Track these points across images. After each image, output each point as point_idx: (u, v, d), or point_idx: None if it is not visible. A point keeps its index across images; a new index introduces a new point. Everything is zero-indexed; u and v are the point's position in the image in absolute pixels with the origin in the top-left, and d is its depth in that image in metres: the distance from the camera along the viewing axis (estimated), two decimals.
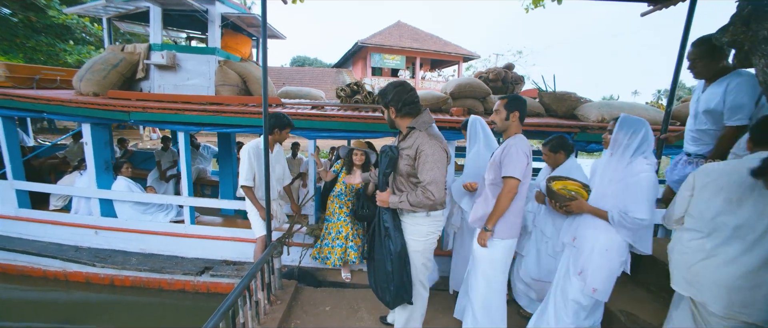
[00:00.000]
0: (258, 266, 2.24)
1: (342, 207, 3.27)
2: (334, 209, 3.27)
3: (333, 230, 3.27)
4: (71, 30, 11.38)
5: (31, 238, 3.96)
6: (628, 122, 1.82)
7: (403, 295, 1.93)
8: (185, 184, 3.67)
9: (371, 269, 2.09)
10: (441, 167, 1.79)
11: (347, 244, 3.24)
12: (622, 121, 1.85)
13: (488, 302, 2.11)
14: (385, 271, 1.94)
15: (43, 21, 10.55)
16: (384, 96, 1.94)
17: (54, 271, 3.93)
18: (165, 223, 3.85)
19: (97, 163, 3.76)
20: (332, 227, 3.27)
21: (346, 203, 3.27)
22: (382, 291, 2.01)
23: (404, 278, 1.92)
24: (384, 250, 1.94)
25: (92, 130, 3.67)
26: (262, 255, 2.41)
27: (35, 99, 3.52)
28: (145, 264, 3.62)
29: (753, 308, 1.34)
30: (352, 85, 4.02)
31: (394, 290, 1.92)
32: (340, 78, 19.29)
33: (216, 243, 3.77)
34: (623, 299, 2.44)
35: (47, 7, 10.07)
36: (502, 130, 2.08)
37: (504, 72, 4.19)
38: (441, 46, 19.84)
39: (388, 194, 1.92)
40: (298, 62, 32.87)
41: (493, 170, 2.04)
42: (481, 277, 2.11)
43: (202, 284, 3.71)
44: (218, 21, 4.30)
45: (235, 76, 4.29)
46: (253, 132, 4.03)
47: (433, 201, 1.77)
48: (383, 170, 1.93)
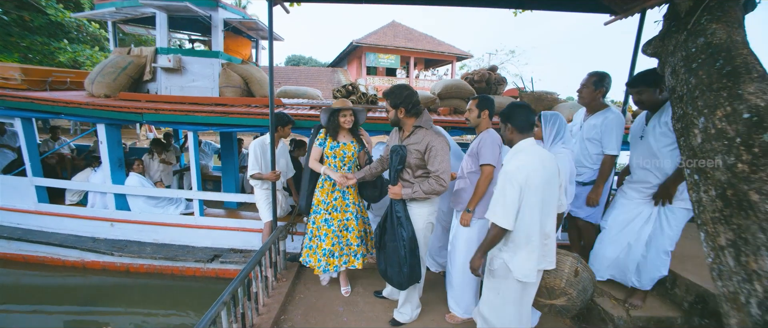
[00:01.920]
0: (266, 245, 2.58)
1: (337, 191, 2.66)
2: (325, 197, 2.65)
3: (335, 224, 2.63)
4: (65, 29, 11.51)
5: (50, 230, 4.25)
6: (547, 117, 2.27)
7: (414, 276, 2.23)
8: (194, 178, 3.98)
9: (382, 257, 2.32)
10: (447, 158, 2.15)
11: (351, 239, 2.68)
12: (543, 116, 2.28)
13: (468, 275, 2.46)
14: (399, 256, 2.19)
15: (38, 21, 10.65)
16: (393, 97, 2.18)
17: (72, 260, 4.24)
18: (176, 215, 4.16)
19: (112, 160, 4.06)
20: (332, 220, 2.64)
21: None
22: (396, 276, 2.23)
23: (415, 260, 2.22)
24: (397, 238, 2.20)
25: (107, 130, 3.97)
26: (269, 238, 2.75)
27: (54, 102, 3.80)
28: (160, 253, 3.94)
29: None
30: (347, 86, 4.35)
31: (408, 271, 2.19)
32: (336, 77, 19.55)
33: (224, 233, 4.09)
34: None
35: (45, 6, 10.19)
36: (474, 126, 2.43)
37: (488, 74, 4.55)
38: (435, 45, 20.16)
39: (399, 187, 2.20)
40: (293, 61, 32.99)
41: (471, 160, 2.39)
42: (463, 253, 2.43)
43: (211, 271, 4.04)
44: (221, 26, 4.59)
45: (238, 78, 4.60)
46: (257, 131, 4.33)
47: (444, 187, 2.11)
48: (395, 166, 2.21)
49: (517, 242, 1.76)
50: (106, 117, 3.85)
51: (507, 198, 1.70)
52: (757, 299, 0.87)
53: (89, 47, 11.90)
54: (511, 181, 1.69)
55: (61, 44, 11.04)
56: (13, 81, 4.27)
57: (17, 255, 4.35)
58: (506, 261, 1.80)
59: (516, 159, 1.75)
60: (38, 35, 10.91)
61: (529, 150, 1.77)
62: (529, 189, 1.68)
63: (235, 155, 5.60)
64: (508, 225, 1.70)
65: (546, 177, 1.70)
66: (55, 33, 11.39)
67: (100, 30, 12.28)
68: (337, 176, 2.48)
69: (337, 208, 2.65)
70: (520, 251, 1.76)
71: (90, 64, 11.19)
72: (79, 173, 4.60)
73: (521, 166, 1.70)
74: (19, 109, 3.91)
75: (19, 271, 4.30)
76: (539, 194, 1.69)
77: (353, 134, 2.72)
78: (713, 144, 1.15)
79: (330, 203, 2.65)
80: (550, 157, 1.77)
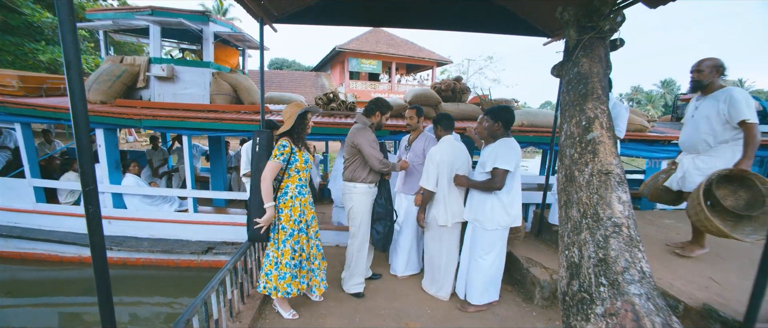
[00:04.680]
0: None
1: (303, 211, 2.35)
2: (292, 214, 2.32)
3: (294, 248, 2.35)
4: (41, 30, 11.39)
5: (48, 228, 4.52)
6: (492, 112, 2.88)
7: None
8: (189, 178, 4.38)
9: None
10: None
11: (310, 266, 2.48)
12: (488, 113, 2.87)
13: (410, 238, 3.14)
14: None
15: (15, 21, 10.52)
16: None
17: (70, 256, 4.53)
18: (171, 212, 4.54)
19: (109, 162, 4.39)
20: (297, 243, 2.36)
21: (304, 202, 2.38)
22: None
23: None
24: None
25: (105, 134, 4.31)
26: None
27: (56, 108, 4.12)
28: (156, 246, 4.31)
29: None
30: (328, 94, 4.86)
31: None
32: (319, 81, 19.94)
33: (216, 228, 4.50)
34: (527, 249, 3.43)
35: (20, 6, 10.11)
36: (414, 129, 3.11)
37: (454, 83, 5.17)
38: (415, 51, 20.91)
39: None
40: (276, 65, 33.06)
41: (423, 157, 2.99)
42: (411, 227, 3.09)
43: (205, 262, 4.44)
44: (212, 38, 5.01)
45: (228, 87, 5.03)
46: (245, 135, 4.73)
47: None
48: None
49: (437, 199, 2.69)
50: (106, 123, 4.20)
51: (429, 171, 2.60)
52: (567, 230, 1.43)
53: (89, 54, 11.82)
54: (432, 160, 2.61)
55: (38, 45, 10.92)
56: (10, 88, 4.54)
57: (14, 253, 4.60)
58: (434, 215, 2.71)
59: (438, 147, 2.68)
60: (11, 36, 10.73)
61: (446, 141, 2.71)
62: (442, 165, 2.60)
63: (223, 157, 5.98)
64: (431, 188, 2.61)
65: (453, 158, 2.63)
66: (29, 34, 11.24)
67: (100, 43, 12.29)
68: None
69: (306, 228, 2.40)
70: (439, 205, 2.68)
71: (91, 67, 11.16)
72: (68, 174, 4.89)
73: (438, 151, 2.63)
74: (20, 115, 4.20)
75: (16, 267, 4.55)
76: (447, 168, 2.61)
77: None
78: (567, 141, 1.73)
79: (301, 221, 2.36)
80: (459, 146, 2.73)
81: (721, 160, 2.40)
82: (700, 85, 2.47)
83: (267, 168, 2.21)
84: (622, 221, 1.27)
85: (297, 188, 2.35)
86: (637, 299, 1.05)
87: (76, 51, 1.08)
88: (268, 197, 2.22)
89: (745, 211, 2.24)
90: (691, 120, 2.59)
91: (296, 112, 2.27)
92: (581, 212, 1.39)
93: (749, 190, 2.29)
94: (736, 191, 2.35)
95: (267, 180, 2.20)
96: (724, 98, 2.34)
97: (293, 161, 2.29)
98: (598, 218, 1.31)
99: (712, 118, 2.39)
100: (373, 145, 2.69)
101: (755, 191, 2.23)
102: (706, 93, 2.47)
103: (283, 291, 2.34)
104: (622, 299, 1.06)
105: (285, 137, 2.27)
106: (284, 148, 2.23)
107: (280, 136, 2.30)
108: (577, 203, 1.43)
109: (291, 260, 2.34)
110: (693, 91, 2.54)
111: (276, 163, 2.21)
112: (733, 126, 2.36)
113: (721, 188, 2.36)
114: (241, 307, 2.55)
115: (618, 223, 1.26)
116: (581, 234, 1.33)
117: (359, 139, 2.66)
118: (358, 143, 2.67)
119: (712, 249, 2.74)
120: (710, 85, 2.44)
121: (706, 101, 2.45)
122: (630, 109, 3.83)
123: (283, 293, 2.34)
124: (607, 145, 1.55)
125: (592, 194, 1.40)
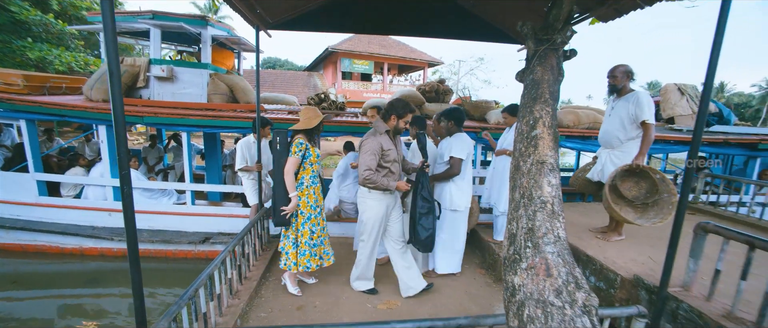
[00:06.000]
0: (254, 220, 3.34)
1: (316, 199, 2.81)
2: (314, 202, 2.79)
3: (313, 229, 2.81)
4: (29, 27, 11.34)
5: (50, 221, 4.73)
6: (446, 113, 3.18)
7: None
8: (187, 172, 4.63)
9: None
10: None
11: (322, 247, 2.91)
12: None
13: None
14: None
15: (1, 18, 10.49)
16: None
17: (71, 247, 4.75)
18: (169, 205, 4.79)
19: (111, 157, 4.63)
20: (314, 225, 2.81)
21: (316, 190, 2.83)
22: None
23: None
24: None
25: (107, 131, 4.54)
26: (256, 215, 3.50)
27: (61, 106, 4.35)
28: (156, 237, 4.56)
29: None
30: (319, 94, 5.16)
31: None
32: (312, 81, 20.17)
33: (213, 219, 4.76)
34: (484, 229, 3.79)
35: (8, 3, 10.12)
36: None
37: (437, 85, 5.51)
38: (407, 52, 21.28)
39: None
40: (269, 64, 33.16)
41: None
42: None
43: (202, 252, 4.70)
44: (210, 41, 5.27)
45: (224, 87, 5.29)
46: (241, 132, 5.00)
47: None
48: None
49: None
50: (109, 119, 4.43)
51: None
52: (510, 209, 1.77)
53: (55, 47, 11.80)
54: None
55: (25, 43, 10.90)
56: (15, 86, 4.74)
57: (16, 245, 4.80)
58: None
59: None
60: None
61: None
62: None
63: (218, 154, 6.23)
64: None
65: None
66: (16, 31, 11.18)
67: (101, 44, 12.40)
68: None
69: (320, 212, 2.83)
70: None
71: (59, 63, 11.20)
72: (75, 169, 5.10)
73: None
74: (25, 111, 4.41)
75: (19, 260, 4.75)
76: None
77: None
78: (518, 137, 2.07)
79: (316, 207, 2.78)
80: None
81: (629, 154, 2.80)
82: (615, 89, 2.87)
83: (288, 163, 2.60)
84: (548, 199, 1.60)
85: (310, 178, 2.74)
86: (550, 256, 1.38)
87: (117, 63, 1.37)
88: (292, 188, 2.62)
89: (645, 199, 2.66)
90: (608, 119, 2.98)
91: (318, 118, 2.70)
92: (521, 193, 1.72)
93: (647, 180, 2.71)
94: (638, 182, 2.76)
95: (290, 173, 2.59)
96: (632, 100, 2.74)
97: (308, 156, 2.68)
98: (532, 198, 1.64)
99: (623, 117, 2.80)
100: (371, 154, 2.55)
101: (651, 181, 2.65)
102: (620, 95, 2.86)
103: (303, 266, 2.75)
104: (539, 255, 1.39)
105: (301, 136, 2.67)
106: (301, 146, 2.62)
107: (294, 132, 2.71)
108: (519, 187, 1.76)
109: (310, 239, 2.76)
110: (610, 93, 2.94)
111: (296, 158, 2.60)
112: (637, 125, 2.74)
113: (626, 181, 2.78)
114: (239, 287, 2.85)
115: (545, 201, 1.59)
116: (519, 211, 1.66)
117: (361, 145, 2.66)
118: (359, 149, 2.69)
119: (658, 233, 3.09)
120: (623, 89, 2.83)
121: (619, 102, 2.85)
122: (589, 107, 4.24)
123: (304, 267, 2.75)
124: (546, 141, 1.89)
125: (531, 179, 1.73)
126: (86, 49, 14.39)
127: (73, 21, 12.57)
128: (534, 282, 1.33)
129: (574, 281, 1.33)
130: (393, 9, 3.85)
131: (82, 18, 12.74)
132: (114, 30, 1.33)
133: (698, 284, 2.07)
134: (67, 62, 11.40)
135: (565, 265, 1.36)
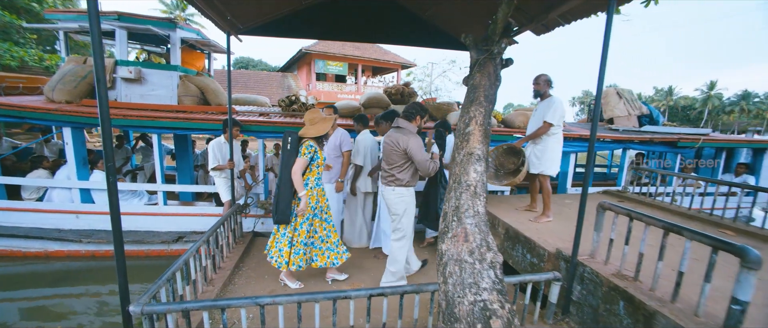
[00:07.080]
0: (228, 215, 3.54)
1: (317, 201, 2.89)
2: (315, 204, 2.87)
3: (309, 230, 2.88)
4: (8, 33, 10.99)
5: (11, 225, 4.63)
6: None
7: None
8: (158, 173, 4.71)
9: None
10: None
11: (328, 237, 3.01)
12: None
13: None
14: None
15: None
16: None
17: (34, 251, 4.68)
18: (140, 205, 4.83)
19: (77, 159, 4.61)
20: (311, 226, 2.90)
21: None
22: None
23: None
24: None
25: (72, 133, 4.53)
26: (229, 210, 3.70)
27: (22, 107, 4.30)
28: (128, 237, 4.59)
29: None
30: (290, 96, 5.38)
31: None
32: (286, 82, 20.08)
33: (186, 219, 4.86)
34: None
35: None
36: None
37: (403, 88, 5.89)
38: (381, 54, 21.68)
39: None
40: (242, 64, 32.42)
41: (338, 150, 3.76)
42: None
43: (175, 251, 4.79)
44: (179, 43, 5.34)
45: (195, 89, 5.39)
46: (212, 133, 5.13)
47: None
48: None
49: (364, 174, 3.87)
50: (74, 121, 4.43)
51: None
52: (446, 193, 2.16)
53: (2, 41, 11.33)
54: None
55: (7, 46, 10.53)
56: None
57: None
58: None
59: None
60: None
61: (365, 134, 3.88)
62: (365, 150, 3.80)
63: (189, 155, 6.27)
64: (360, 162, 3.81)
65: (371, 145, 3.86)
66: None
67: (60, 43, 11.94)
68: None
69: (320, 212, 2.90)
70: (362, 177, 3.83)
71: (10, 58, 10.74)
72: (38, 171, 5.01)
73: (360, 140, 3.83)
74: None
75: None
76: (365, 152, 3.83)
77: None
78: (456, 133, 2.46)
79: (316, 208, 2.84)
80: (372, 138, 3.92)
81: (547, 148, 3.41)
82: (538, 94, 3.43)
83: (298, 164, 2.65)
84: (473, 183, 1.97)
85: (315, 179, 2.82)
86: (469, 226, 1.74)
87: (103, 71, 1.59)
88: (300, 188, 2.66)
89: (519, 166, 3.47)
90: (532, 118, 3.62)
91: (329, 122, 2.78)
92: (454, 179, 2.09)
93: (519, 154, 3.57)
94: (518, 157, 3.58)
95: (298, 174, 2.63)
96: (547, 104, 3.31)
97: (315, 158, 2.77)
98: (461, 182, 2.01)
99: (539, 117, 3.39)
100: (423, 152, 2.67)
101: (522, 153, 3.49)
102: (542, 99, 3.44)
103: (295, 264, 2.79)
104: (461, 226, 1.75)
105: (312, 139, 2.75)
106: (311, 148, 2.69)
107: (302, 137, 2.77)
108: (453, 174, 2.13)
109: (306, 239, 2.82)
110: (535, 97, 3.48)
111: (305, 159, 2.67)
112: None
113: (510, 158, 3.76)
114: (213, 275, 3.05)
115: (470, 184, 1.96)
116: (451, 193, 2.02)
117: (412, 145, 2.62)
118: (411, 149, 2.62)
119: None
120: (544, 94, 3.40)
121: (540, 105, 3.44)
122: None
123: (295, 266, 2.79)
124: (476, 136, 2.28)
125: (461, 167, 2.11)
126: (37, 45, 13.67)
127: (21, 13, 12.02)
128: (455, 247, 1.69)
129: (486, 245, 1.70)
130: (361, 17, 4.17)
131: (32, 10, 12.20)
132: (101, 43, 1.55)
133: (601, 252, 2.54)
134: (19, 57, 10.85)
135: (480, 233, 1.73)
